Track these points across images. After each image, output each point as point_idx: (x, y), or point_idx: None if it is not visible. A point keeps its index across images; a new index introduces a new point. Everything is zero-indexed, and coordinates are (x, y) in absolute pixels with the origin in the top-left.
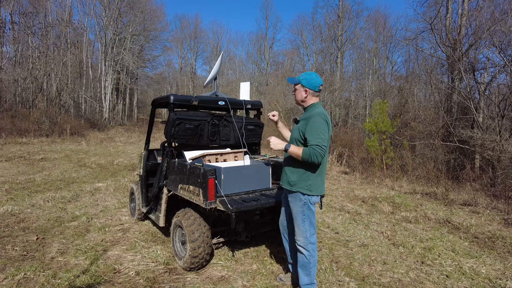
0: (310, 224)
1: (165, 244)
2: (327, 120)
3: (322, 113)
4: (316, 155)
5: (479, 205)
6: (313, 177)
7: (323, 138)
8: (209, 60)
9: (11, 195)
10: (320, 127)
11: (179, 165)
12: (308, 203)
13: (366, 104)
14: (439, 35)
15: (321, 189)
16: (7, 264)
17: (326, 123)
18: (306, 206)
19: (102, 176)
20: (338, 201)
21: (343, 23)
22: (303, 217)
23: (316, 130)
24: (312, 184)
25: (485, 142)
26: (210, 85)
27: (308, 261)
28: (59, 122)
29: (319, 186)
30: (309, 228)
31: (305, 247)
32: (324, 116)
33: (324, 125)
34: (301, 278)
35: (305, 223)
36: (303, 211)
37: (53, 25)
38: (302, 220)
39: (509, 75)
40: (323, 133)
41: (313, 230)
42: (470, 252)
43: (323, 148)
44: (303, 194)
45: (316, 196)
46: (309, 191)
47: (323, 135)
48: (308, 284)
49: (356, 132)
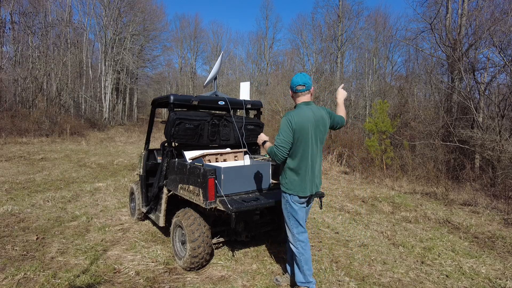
0: (295, 221)
1: (165, 244)
2: (291, 120)
3: (290, 114)
4: (273, 154)
5: (479, 205)
6: (289, 175)
7: (281, 139)
8: (209, 60)
9: (11, 195)
10: (281, 128)
11: (179, 165)
12: (289, 201)
13: (366, 104)
14: (439, 35)
15: (298, 189)
16: (7, 264)
17: (290, 123)
18: (288, 204)
19: (102, 176)
20: (338, 201)
21: (343, 23)
22: (288, 214)
23: (279, 130)
24: (289, 183)
25: (485, 142)
26: (210, 85)
27: (299, 258)
28: (59, 122)
29: (296, 185)
30: (295, 226)
31: (294, 244)
32: (290, 116)
33: (285, 126)
34: (296, 275)
35: (290, 220)
36: (286, 208)
37: (53, 25)
38: (287, 217)
39: (509, 75)
40: (282, 134)
41: (301, 229)
42: (470, 252)
43: (279, 148)
44: (284, 192)
45: (294, 195)
46: (286, 189)
47: (282, 136)
48: (303, 282)
49: (356, 132)
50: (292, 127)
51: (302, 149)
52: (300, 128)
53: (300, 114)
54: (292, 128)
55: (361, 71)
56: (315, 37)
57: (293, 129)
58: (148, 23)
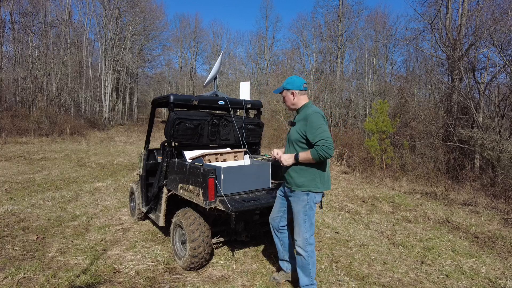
0: (310, 225)
1: (165, 243)
2: (323, 116)
3: (317, 111)
4: (325, 150)
5: (479, 205)
6: (322, 174)
7: (326, 131)
8: (209, 59)
9: (11, 195)
10: (320, 123)
11: (179, 164)
12: (310, 203)
13: (366, 104)
14: (439, 34)
15: (327, 185)
16: (7, 264)
17: (323, 117)
18: (308, 207)
19: (102, 175)
20: (338, 201)
21: (343, 23)
22: (305, 217)
23: (316, 127)
24: (321, 182)
25: (485, 142)
26: (210, 85)
27: (307, 262)
28: (59, 122)
29: (326, 181)
30: (309, 229)
31: (303, 248)
32: (320, 113)
33: (322, 120)
34: (301, 279)
35: (306, 223)
36: (305, 211)
37: (53, 25)
38: (304, 221)
39: (509, 75)
40: (324, 128)
41: (312, 231)
42: (470, 252)
43: (328, 140)
44: (308, 193)
45: (319, 195)
46: (317, 188)
47: (324, 129)
48: (308, 285)
49: (356, 132)
50: (325, 120)
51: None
52: (327, 123)
53: (321, 111)
54: (325, 122)
55: (361, 71)
56: (315, 37)
57: (326, 123)
58: (148, 23)
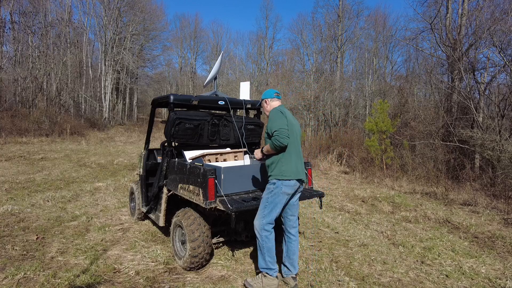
0: (270, 212)
1: (165, 243)
2: (281, 111)
3: (277, 108)
4: (277, 139)
5: (479, 205)
6: (287, 163)
7: (280, 123)
8: (209, 59)
9: (11, 195)
10: (275, 117)
11: (179, 164)
12: (275, 191)
13: (366, 104)
14: (439, 34)
15: (296, 174)
16: (7, 264)
17: (281, 112)
18: (272, 194)
19: (102, 175)
20: (338, 201)
21: (343, 23)
22: (266, 203)
23: (272, 120)
24: (287, 171)
25: (485, 142)
26: (210, 85)
27: (262, 245)
28: (59, 122)
29: (294, 171)
30: (268, 215)
31: (258, 232)
32: (280, 109)
33: (278, 114)
34: (258, 261)
35: (266, 209)
36: (267, 198)
37: (53, 25)
38: (264, 206)
39: (509, 75)
40: (278, 121)
41: (271, 219)
42: (470, 252)
43: (282, 131)
44: (275, 182)
45: (288, 185)
46: (283, 177)
47: (279, 121)
48: (264, 268)
49: (356, 132)
50: (284, 115)
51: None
52: (288, 118)
53: (282, 108)
54: (284, 116)
55: (361, 71)
56: (315, 37)
57: (286, 117)
58: (148, 23)
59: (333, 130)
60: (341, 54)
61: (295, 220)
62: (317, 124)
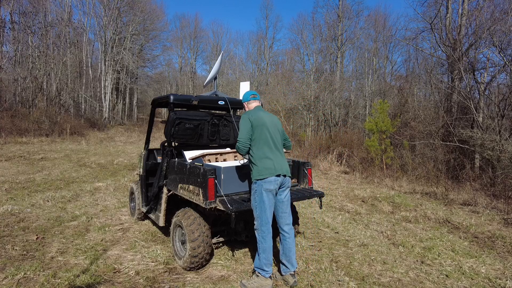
0: (262, 212)
1: (165, 243)
2: (248, 117)
3: (246, 115)
4: (237, 148)
5: (478, 205)
6: (262, 162)
7: (241, 133)
8: (209, 59)
9: (11, 195)
10: (240, 125)
11: (179, 164)
12: (259, 190)
13: (366, 104)
14: (439, 34)
15: (272, 171)
16: (7, 264)
17: (248, 119)
18: (257, 194)
19: (102, 175)
20: (338, 201)
21: (343, 23)
22: (255, 203)
23: (239, 128)
24: (262, 169)
25: (485, 142)
26: (210, 85)
27: (258, 245)
28: (59, 122)
29: (269, 168)
30: (261, 215)
31: (256, 232)
32: (248, 114)
33: (243, 121)
34: (255, 259)
35: (257, 210)
36: (254, 198)
37: (53, 25)
38: (254, 207)
39: (509, 75)
40: (241, 129)
41: (265, 219)
42: (470, 252)
43: (239, 141)
44: (256, 181)
45: (268, 182)
46: (260, 176)
47: (241, 131)
48: (258, 267)
49: (356, 132)
50: (250, 122)
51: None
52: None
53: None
54: (249, 123)
55: (361, 71)
56: (315, 37)
57: (251, 123)
58: (148, 23)
59: (333, 130)
60: (341, 54)
61: (287, 216)
62: (317, 124)
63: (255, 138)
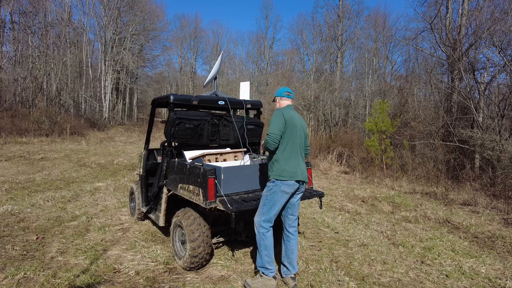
0: (269, 209)
1: (165, 243)
2: (283, 114)
3: (279, 111)
4: (266, 141)
5: (478, 205)
6: (284, 164)
7: (274, 127)
8: (209, 59)
9: (11, 195)
10: (273, 119)
11: (179, 164)
12: (274, 189)
13: (366, 104)
14: (439, 34)
15: (294, 175)
16: (7, 264)
17: (282, 116)
18: (271, 192)
19: (102, 175)
20: (338, 201)
21: (343, 23)
22: (265, 200)
23: (271, 122)
24: (285, 171)
25: (485, 142)
26: (210, 85)
27: (259, 243)
28: (59, 122)
29: (291, 172)
30: (266, 213)
31: (256, 228)
32: (282, 111)
33: (277, 117)
34: (257, 259)
35: (265, 207)
36: (266, 196)
37: (53, 25)
38: (263, 204)
39: (509, 75)
40: (274, 123)
41: (269, 217)
42: (470, 252)
43: (272, 136)
44: (274, 181)
45: (287, 184)
46: (281, 177)
47: (273, 125)
48: (261, 266)
49: (356, 132)
50: (284, 118)
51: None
52: (290, 120)
53: (288, 110)
54: (283, 118)
55: (361, 71)
56: (315, 37)
57: (284, 120)
58: (148, 23)
59: (333, 130)
60: (341, 54)
61: (295, 219)
62: (317, 124)
63: (285, 137)
